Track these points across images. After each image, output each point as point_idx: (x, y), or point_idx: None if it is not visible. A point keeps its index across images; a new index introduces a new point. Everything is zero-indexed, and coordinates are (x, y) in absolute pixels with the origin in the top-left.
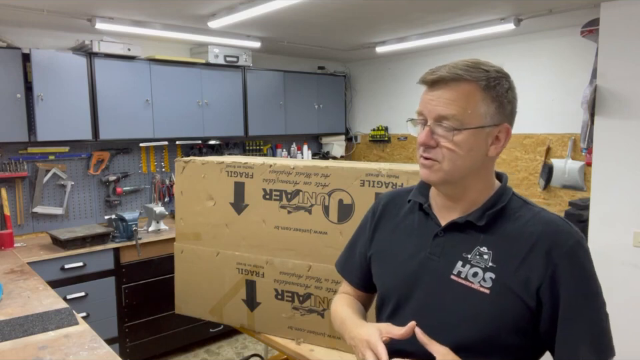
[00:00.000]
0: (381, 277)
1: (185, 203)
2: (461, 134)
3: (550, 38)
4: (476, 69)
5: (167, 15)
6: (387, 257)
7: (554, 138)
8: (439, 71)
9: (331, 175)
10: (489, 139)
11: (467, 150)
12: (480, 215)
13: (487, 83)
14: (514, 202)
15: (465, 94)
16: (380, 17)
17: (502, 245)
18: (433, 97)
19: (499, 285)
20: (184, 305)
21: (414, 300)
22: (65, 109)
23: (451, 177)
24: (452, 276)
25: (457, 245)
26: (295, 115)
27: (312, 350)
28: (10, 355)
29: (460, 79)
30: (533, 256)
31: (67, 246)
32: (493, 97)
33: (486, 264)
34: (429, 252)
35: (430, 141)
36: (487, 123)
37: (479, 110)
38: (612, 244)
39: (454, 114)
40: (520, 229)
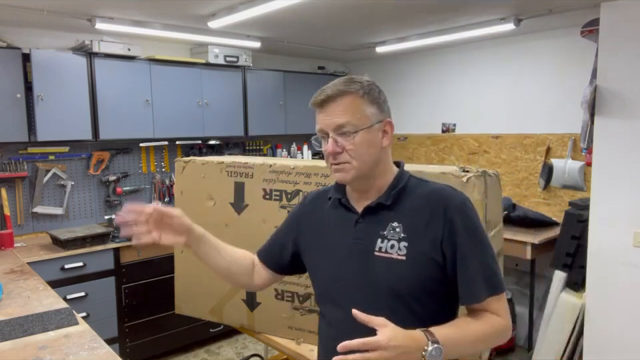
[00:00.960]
0: (317, 268)
1: (184, 202)
2: (358, 135)
3: (550, 38)
4: (352, 83)
5: (167, 14)
6: (318, 249)
7: (554, 138)
8: (324, 92)
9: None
10: (379, 133)
11: (367, 146)
12: (387, 196)
13: (363, 91)
14: (412, 181)
15: (351, 103)
16: (380, 17)
17: (408, 217)
18: (327, 113)
19: (412, 250)
20: (184, 305)
21: (349, 284)
22: (65, 109)
23: (361, 172)
24: (375, 252)
25: (374, 226)
26: (295, 115)
27: (312, 350)
28: (10, 354)
29: (343, 93)
30: (433, 218)
31: (67, 246)
32: (371, 100)
33: (399, 235)
34: (353, 237)
35: (336, 149)
36: (374, 122)
37: (365, 113)
38: (612, 244)
39: (348, 120)
40: (419, 200)
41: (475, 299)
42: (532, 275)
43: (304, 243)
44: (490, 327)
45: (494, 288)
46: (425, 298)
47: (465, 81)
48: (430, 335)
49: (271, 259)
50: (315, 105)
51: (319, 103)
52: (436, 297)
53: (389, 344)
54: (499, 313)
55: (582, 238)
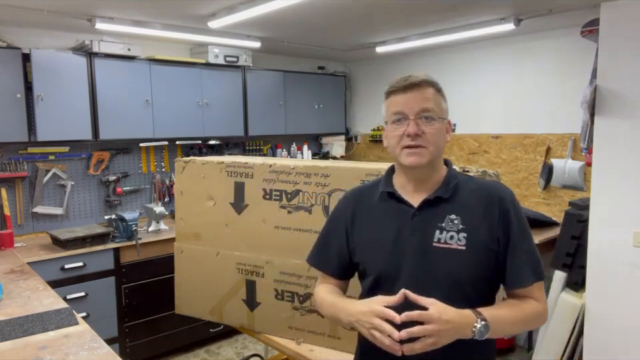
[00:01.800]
0: (372, 261)
1: (185, 203)
2: (437, 122)
3: (550, 38)
4: (431, 78)
5: (167, 14)
6: (372, 244)
7: (554, 138)
8: (410, 78)
9: (330, 174)
10: (445, 128)
11: (441, 136)
12: (445, 190)
13: (439, 87)
14: (461, 177)
15: (433, 94)
16: (380, 17)
17: (465, 210)
18: (411, 97)
19: (471, 240)
20: (184, 305)
21: (406, 274)
22: (65, 109)
23: (433, 158)
24: (434, 244)
25: (431, 219)
26: (295, 114)
27: (312, 350)
28: (10, 354)
29: (429, 83)
30: (489, 210)
31: (67, 246)
32: (443, 97)
33: (457, 227)
34: (411, 230)
35: (418, 131)
36: (445, 116)
37: (442, 106)
38: (612, 244)
39: (432, 107)
40: (473, 194)
41: (522, 284)
42: None
43: (355, 239)
44: (531, 311)
45: (539, 275)
46: (480, 285)
47: (465, 81)
48: (478, 314)
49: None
50: (397, 88)
51: (405, 86)
52: (489, 284)
53: (440, 317)
54: (540, 299)
55: (582, 238)
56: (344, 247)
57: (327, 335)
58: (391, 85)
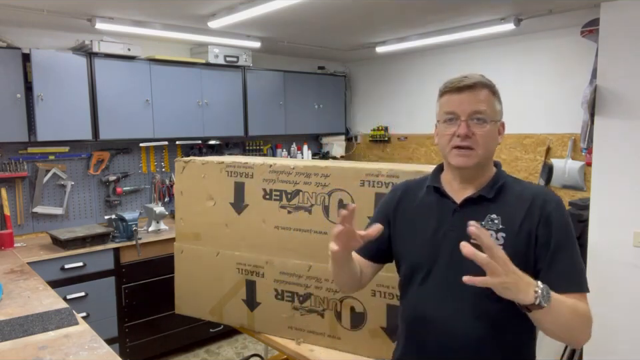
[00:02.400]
0: (409, 252)
1: (185, 203)
2: (488, 125)
3: (550, 38)
4: (487, 79)
5: (167, 14)
6: (411, 234)
7: (554, 138)
8: (465, 80)
9: (330, 174)
10: (497, 129)
11: (492, 138)
12: (489, 190)
13: (494, 89)
14: (509, 179)
15: (487, 96)
16: (380, 17)
17: (507, 211)
18: (464, 98)
19: (510, 240)
20: (184, 305)
21: (441, 267)
22: (65, 109)
23: (482, 160)
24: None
25: (472, 216)
26: (295, 115)
27: (312, 350)
28: (10, 354)
29: (484, 85)
30: (531, 211)
31: (67, 246)
32: (498, 99)
33: (497, 227)
34: (450, 225)
35: (468, 132)
36: (498, 118)
37: (495, 108)
38: (612, 244)
39: (484, 109)
40: (517, 197)
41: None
42: None
43: (397, 228)
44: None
45: (581, 286)
46: None
47: None
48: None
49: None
50: (452, 89)
51: (460, 87)
52: None
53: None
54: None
55: (582, 238)
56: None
57: (327, 335)
58: (445, 84)
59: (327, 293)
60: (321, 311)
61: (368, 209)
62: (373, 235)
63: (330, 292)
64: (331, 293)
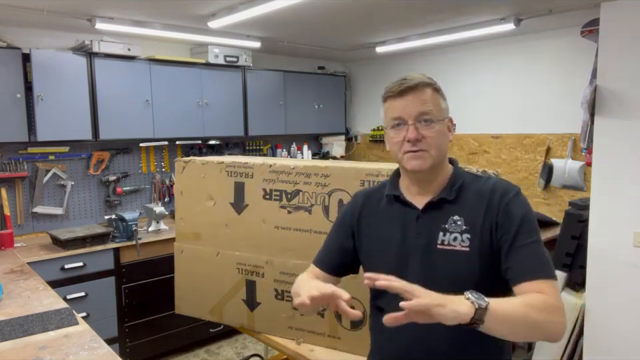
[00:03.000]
0: (378, 265)
1: (185, 203)
2: (437, 124)
3: (550, 38)
4: (427, 77)
5: (167, 14)
6: (378, 246)
7: (554, 138)
8: (405, 82)
9: (330, 174)
10: (447, 127)
11: (442, 137)
12: (449, 191)
13: (437, 86)
14: (468, 177)
15: (431, 95)
16: (380, 17)
17: (468, 210)
18: (408, 101)
19: (475, 241)
20: (184, 305)
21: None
22: (65, 109)
23: (436, 161)
24: (438, 246)
25: (435, 220)
26: (295, 115)
27: (312, 350)
28: (10, 354)
29: (426, 84)
30: (490, 208)
31: (67, 246)
32: (442, 96)
33: (461, 228)
34: (415, 232)
35: (418, 136)
36: (445, 115)
37: (441, 105)
38: (612, 244)
39: (430, 109)
40: (477, 194)
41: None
42: None
43: (361, 241)
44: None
45: (546, 272)
46: (486, 287)
47: (464, 81)
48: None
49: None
50: (394, 92)
51: (402, 90)
52: (496, 286)
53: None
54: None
55: (582, 238)
56: (349, 245)
57: (327, 335)
58: (387, 90)
59: None
60: (321, 310)
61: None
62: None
63: None
64: None
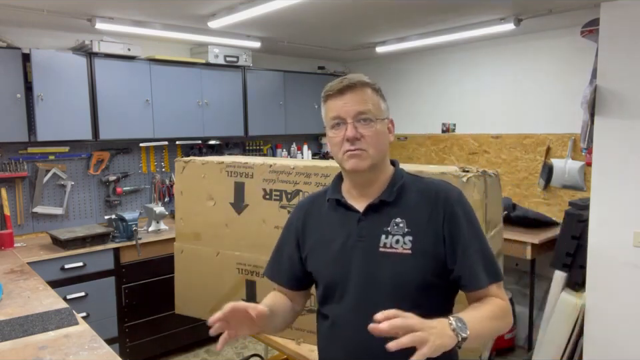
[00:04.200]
0: (321, 271)
1: (185, 203)
2: (376, 124)
3: (550, 38)
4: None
5: (167, 14)
6: (321, 252)
7: (554, 138)
8: (344, 81)
9: (330, 175)
10: (387, 128)
11: (382, 137)
12: (389, 193)
13: (376, 87)
14: (408, 178)
15: (370, 94)
16: (380, 17)
17: (411, 212)
18: (347, 100)
19: (417, 243)
20: (184, 305)
21: (354, 281)
22: (65, 109)
23: (375, 161)
24: (380, 249)
25: (377, 223)
26: (295, 115)
27: (312, 350)
28: (10, 354)
29: (364, 84)
30: (434, 211)
31: (67, 246)
32: (382, 97)
33: (403, 230)
34: (357, 236)
35: (356, 134)
36: (385, 116)
37: (380, 106)
38: (612, 244)
39: (369, 109)
40: (419, 195)
41: (479, 285)
42: (532, 275)
43: (306, 248)
44: (497, 307)
45: (496, 275)
46: (429, 290)
47: (465, 81)
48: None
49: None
50: (333, 92)
51: (341, 89)
52: (439, 290)
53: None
54: (501, 297)
55: (582, 238)
56: (295, 256)
57: None
58: (326, 89)
59: None
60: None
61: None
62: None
63: None
64: None
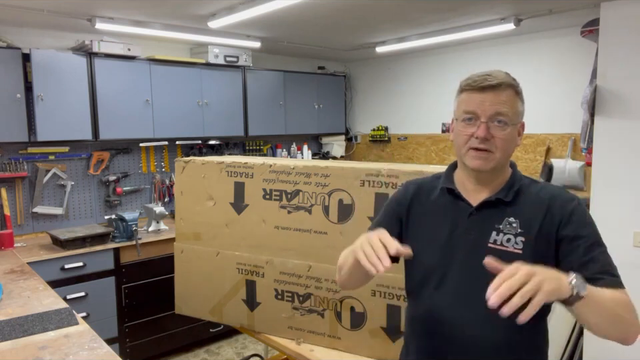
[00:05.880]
0: (422, 255)
1: (185, 203)
2: (509, 128)
3: (550, 38)
4: (511, 78)
5: (167, 14)
6: (424, 237)
7: (554, 138)
8: (491, 78)
9: (330, 174)
10: (517, 131)
11: (511, 141)
12: (506, 193)
13: (518, 89)
14: (525, 181)
15: (511, 97)
16: (380, 17)
17: (525, 214)
18: (486, 98)
19: (529, 245)
20: (184, 305)
21: (456, 271)
22: (64, 109)
23: (499, 164)
24: (489, 244)
25: (489, 219)
26: (295, 115)
27: (312, 350)
28: (10, 354)
29: (510, 85)
30: (551, 213)
31: (67, 246)
32: (521, 99)
33: (515, 230)
34: (466, 228)
35: (487, 135)
36: (519, 120)
37: (518, 109)
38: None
39: (507, 111)
40: (535, 198)
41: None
42: None
43: (408, 231)
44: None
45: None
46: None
47: None
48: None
49: None
50: (474, 87)
51: (485, 86)
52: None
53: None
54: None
55: None
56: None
57: (327, 335)
58: (467, 81)
59: (327, 292)
60: (321, 311)
61: (368, 209)
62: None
63: (330, 292)
64: (331, 293)
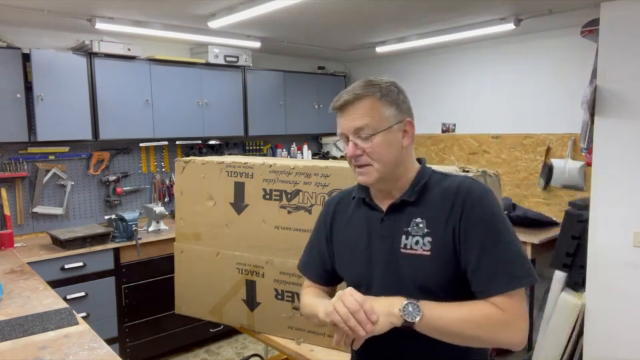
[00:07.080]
0: (347, 268)
1: (185, 203)
2: (376, 137)
3: (550, 38)
4: (370, 86)
5: (167, 14)
6: (347, 249)
7: (554, 138)
8: (342, 97)
9: (331, 175)
10: (399, 133)
11: (387, 148)
12: (410, 193)
13: (381, 94)
14: (434, 177)
15: (369, 106)
16: (380, 16)
17: (431, 212)
18: (346, 117)
19: (436, 244)
20: (184, 305)
21: (377, 280)
22: (65, 109)
23: (383, 173)
24: (401, 249)
25: (398, 223)
26: (295, 114)
27: (312, 350)
28: (10, 354)
29: (360, 97)
30: (453, 210)
31: (66, 246)
32: (389, 102)
33: (422, 231)
34: (380, 235)
35: (357, 152)
36: (393, 123)
37: (383, 115)
38: (612, 244)
39: (367, 123)
40: (441, 194)
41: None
42: None
43: (333, 246)
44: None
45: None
46: (452, 291)
47: (465, 81)
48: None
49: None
50: (334, 109)
51: (338, 107)
52: (464, 289)
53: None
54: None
55: (582, 238)
56: (325, 253)
57: (327, 335)
58: (331, 105)
59: None
60: None
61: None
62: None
63: None
64: None
